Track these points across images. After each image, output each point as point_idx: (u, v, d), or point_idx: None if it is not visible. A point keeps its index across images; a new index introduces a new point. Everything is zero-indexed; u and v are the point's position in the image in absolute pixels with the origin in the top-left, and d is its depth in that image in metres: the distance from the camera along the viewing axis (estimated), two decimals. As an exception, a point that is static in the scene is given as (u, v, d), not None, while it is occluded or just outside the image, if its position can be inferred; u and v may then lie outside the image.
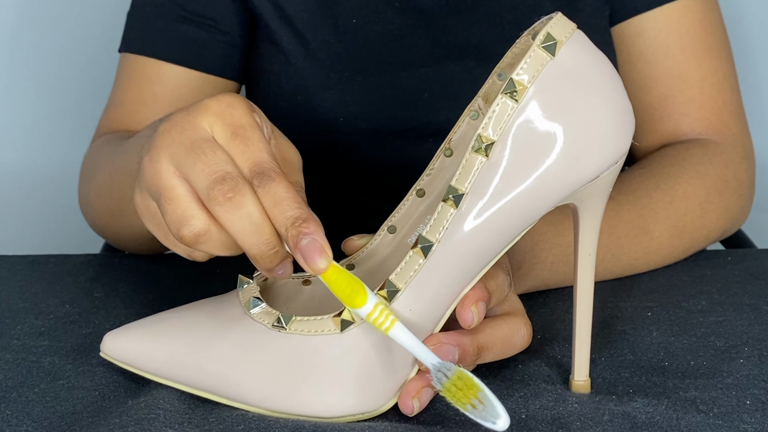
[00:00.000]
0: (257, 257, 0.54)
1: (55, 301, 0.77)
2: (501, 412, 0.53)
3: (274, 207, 0.53)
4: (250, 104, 0.57)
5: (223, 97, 0.56)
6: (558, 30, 0.56)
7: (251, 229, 0.53)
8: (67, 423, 0.59)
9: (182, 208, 0.54)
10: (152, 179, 0.55)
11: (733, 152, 0.89)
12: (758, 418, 0.59)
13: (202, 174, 0.53)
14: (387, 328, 0.54)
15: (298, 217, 0.53)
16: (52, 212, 1.50)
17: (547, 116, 0.56)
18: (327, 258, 0.53)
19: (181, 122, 0.55)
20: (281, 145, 0.60)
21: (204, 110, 0.55)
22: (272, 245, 0.54)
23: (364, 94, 0.89)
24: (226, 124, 0.55)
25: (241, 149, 0.54)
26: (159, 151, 0.55)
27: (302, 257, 0.52)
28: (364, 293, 0.54)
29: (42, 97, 1.49)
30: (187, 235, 0.54)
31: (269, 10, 0.90)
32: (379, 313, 0.54)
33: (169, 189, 0.54)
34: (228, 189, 0.53)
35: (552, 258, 0.74)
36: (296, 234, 0.52)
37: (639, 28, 0.92)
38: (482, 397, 0.53)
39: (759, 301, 0.75)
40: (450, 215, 0.56)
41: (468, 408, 0.53)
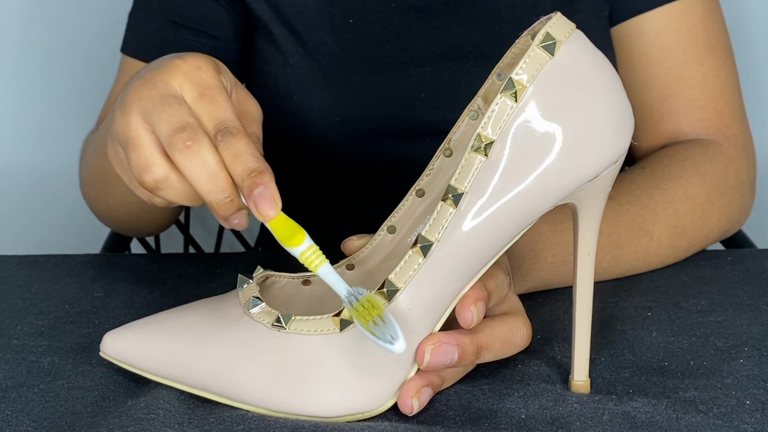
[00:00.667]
0: (213, 204, 0.57)
1: (55, 301, 0.77)
2: (399, 334, 0.54)
3: (233, 159, 0.56)
4: (217, 65, 0.61)
5: (192, 59, 0.60)
6: (557, 30, 0.56)
7: (207, 177, 0.56)
8: (67, 423, 0.59)
9: (145, 156, 0.58)
10: (122, 129, 0.59)
11: (734, 152, 0.89)
12: (758, 418, 0.59)
13: (165, 123, 0.57)
14: (316, 266, 0.55)
15: (254, 169, 0.56)
16: (52, 212, 1.50)
17: (547, 116, 0.56)
18: (276, 207, 0.55)
19: (153, 79, 0.59)
20: (242, 98, 0.63)
21: (174, 70, 0.59)
22: (227, 194, 0.57)
23: (362, 94, 0.89)
24: (195, 84, 0.59)
25: (207, 108, 0.58)
26: (130, 104, 0.59)
27: (254, 204, 0.55)
28: (303, 236, 0.56)
29: (43, 97, 1.49)
30: (148, 181, 0.58)
31: (267, 11, 0.90)
32: (311, 253, 0.56)
33: (136, 138, 0.58)
34: (187, 137, 0.56)
35: (551, 258, 0.74)
36: (251, 184, 0.55)
37: (639, 28, 0.92)
38: (384, 316, 0.54)
39: (759, 301, 0.75)
40: (449, 215, 0.56)
41: (369, 325, 0.54)
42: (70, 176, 1.49)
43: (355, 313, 0.55)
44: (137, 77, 0.61)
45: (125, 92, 0.60)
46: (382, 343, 0.54)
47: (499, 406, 0.60)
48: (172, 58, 0.60)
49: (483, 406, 0.60)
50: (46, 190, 1.50)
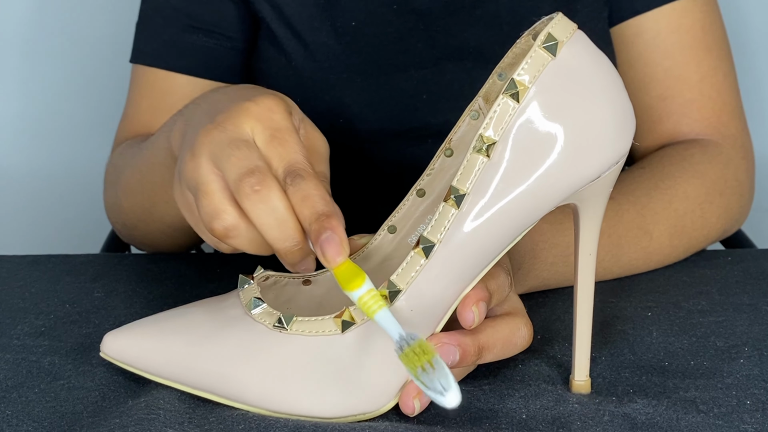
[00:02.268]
0: (281, 252, 0.57)
1: (55, 301, 0.77)
2: (452, 384, 0.52)
3: (301, 202, 0.56)
4: (287, 103, 0.60)
5: (263, 101, 0.59)
6: (559, 30, 0.56)
7: (276, 224, 0.56)
8: (67, 423, 0.59)
9: (216, 203, 0.57)
10: (191, 173, 0.58)
11: (733, 152, 0.89)
12: (758, 418, 0.59)
13: (234, 168, 0.56)
14: (374, 312, 0.54)
15: (322, 213, 0.55)
16: (52, 212, 1.50)
17: (548, 116, 0.56)
18: (344, 253, 0.55)
19: (224, 123, 0.58)
20: (309, 134, 0.62)
21: (246, 114, 0.58)
22: (296, 241, 0.56)
23: (363, 96, 0.89)
24: (266, 127, 0.58)
25: (278, 151, 0.57)
26: (200, 148, 0.58)
27: (321, 251, 0.55)
28: (362, 280, 0.55)
29: (43, 97, 1.48)
30: (218, 228, 0.57)
31: (270, 12, 0.90)
32: (369, 298, 0.55)
33: (206, 183, 0.57)
34: (255, 182, 0.55)
35: (552, 258, 0.74)
36: (318, 228, 0.55)
37: (638, 29, 0.92)
38: (435, 362, 0.53)
39: (759, 301, 0.75)
40: (451, 215, 0.56)
41: (418, 371, 0.52)
42: (69, 176, 1.49)
43: (405, 359, 0.53)
44: (206, 119, 0.60)
45: (195, 135, 0.59)
46: (432, 393, 0.52)
47: (500, 406, 0.60)
48: (243, 100, 0.59)
49: (484, 406, 0.60)
50: (46, 190, 1.50)
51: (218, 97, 0.64)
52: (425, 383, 0.52)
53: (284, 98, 0.61)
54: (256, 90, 0.63)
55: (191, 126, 0.63)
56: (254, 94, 0.60)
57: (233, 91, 0.64)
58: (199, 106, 0.65)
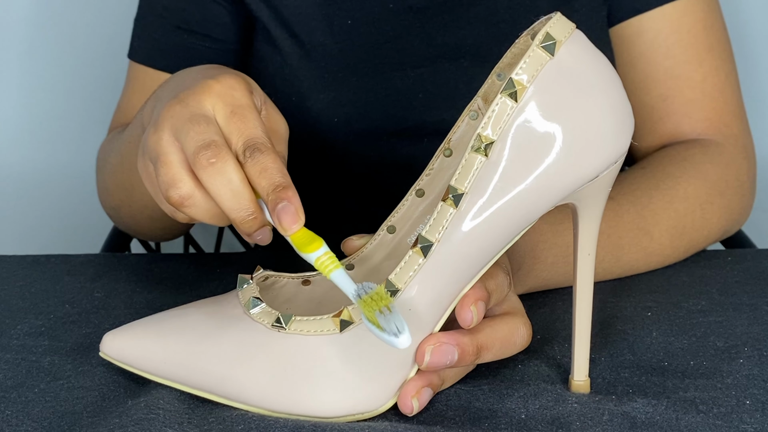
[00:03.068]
0: (237, 221, 0.58)
1: (55, 301, 0.77)
2: (406, 328, 0.53)
3: (258, 174, 0.57)
4: (249, 83, 0.62)
5: (225, 79, 0.61)
6: (557, 30, 0.56)
7: (231, 194, 0.57)
8: (67, 423, 0.59)
9: (173, 172, 0.59)
10: (153, 144, 0.60)
11: (734, 152, 0.89)
12: (758, 418, 0.59)
13: (192, 141, 0.58)
14: (330, 270, 0.56)
15: (279, 184, 0.57)
16: (52, 212, 1.50)
17: (547, 116, 0.56)
18: (299, 221, 0.56)
19: (186, 98, 0.60)
20: (271, 116, 0.64)
21: (208, 90, 0.60)
22: (250, 211, 0.58)
23: (359, 95, 0.89)
24: (227, 103, 0.60)
25: (237, 126, 0.59)
26: (162, 121, 0.60)
27: (278, 219, 0.56)
28: (320, 243, 0.56)
29: (43, 97, 1.49)
30: (174, 197, 0.59)
31: (266, 13, 0.90)
32: (327, 258, 0.56)
33: (165, 154, 0.59)
34: (211, 155, 0.57)
35: (552, 258, 0.74)
36: (275, 198, 0.56)
37: (639, 29, 0.92)
38: (392, 307, 0.54)
39: (759, 301, 0.75)
40: (449, 215, 0.56)
41: (376, 315, 0.54)
42: (70, 176, 1.49)
43: (363, 305, 0.54)
44: (171, 96, 0.62)
45: (158, 110, 0.61)
46: (387, 336, 0.53)
47: (499, 406, 0.60)
48: (206, 78, 0.61)
49: (483, 406, 0.60)
50: (46, 190, 1.50)
51: (184, 75, 0.66)
52: (382, 327, 0.53)
53: (246, 78, 0.63)
54: (219, 69, 0.65)
55: (159, 102, 0.65)
56: (217, 73, 0.62)
57: (198, 70, 0.66)
58: (167, 84, 0.67)
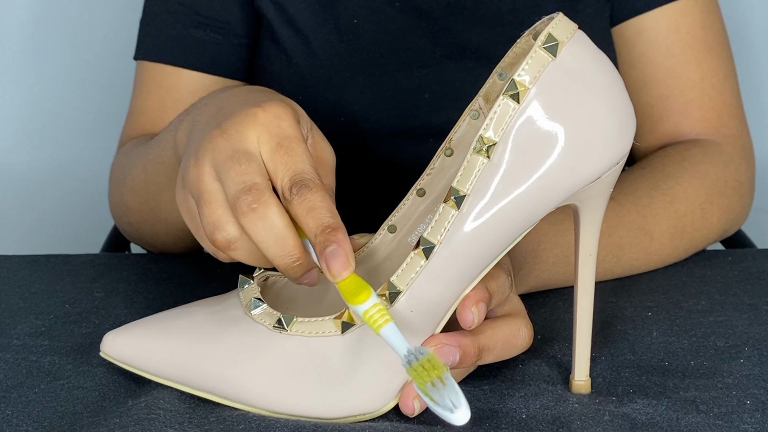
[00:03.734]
0: (281, 268, 0.56)
1: (55, 301, 0.77)
2: (462, 402, 0.51)
3: (306, 214, 0.55)
4: (295, 111, 0.59)
5: (271, 107, 0.58)
6: (559, 31, 0.56)
7: (274, 241, 0.55)
8: (67, 423, 0.59)
9: (218, 214, 0.56)
10: (194, 181, 0.57)
11: (733, 152, 0.89)
12: (758, 418, 0.59)
13: (232, 183, 0.55)
14: (380, 326, 0.53)
15: (328, 226, 0.54)
16: (52, 212, 1.50)
17: (549, 117, 0.56)
18: (349, 267, 0.54)
19: (230, 130, 0.57)
20: (317, 143, 0.62)
21: (252, 120, 0.57)
22: (295, 257, 0.56)
23: (365, 94, 0.89)
24: (273, 135, 0.57)
25: (284, 160, 0.56)
26: (204, 155, 0.57)
27: (326, 264, 0.54)
28: (368, 294, 0.54)
29: (44, 97, 1.49)
30: (219, 240, 0.56)
31: (272, 10, 0.90)
32: (376, 312, 0.54)
33: (209, 193, 0.56)
34: (252, 200, 0.55)
35: (553, 258, 0.74)
36: (323, 241, 0.54)
37: (639, 29, 0.92)
38: (445, 378, 0.52)
39: (759, 301, 0.75)
40: (451, 216, 0.56)
41: (428, 387, 0.51)
42: (69, 176, 1.49)
43: (413, 374, 0.52)
44: (212, 122, 0.59)
45: (201, 140, 0.58)
46: (441, 410, 0.51)
47: (500, 406, 0.60)
48: (251, 106, 0.58)
49: (484, 406, 0.60)
50: (46, 190, 1.50)
51: (226, 98, 0.63)
52: (434, 399, 0.51)
53: (293, 105, 0.60)
54: (264, 94, 0.62)
55: (197, 127, 0.62)
56: (262, 99, 0.59)
57: (242, 93, 0.63)
58: (207, 107, 0.64)
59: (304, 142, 0.58)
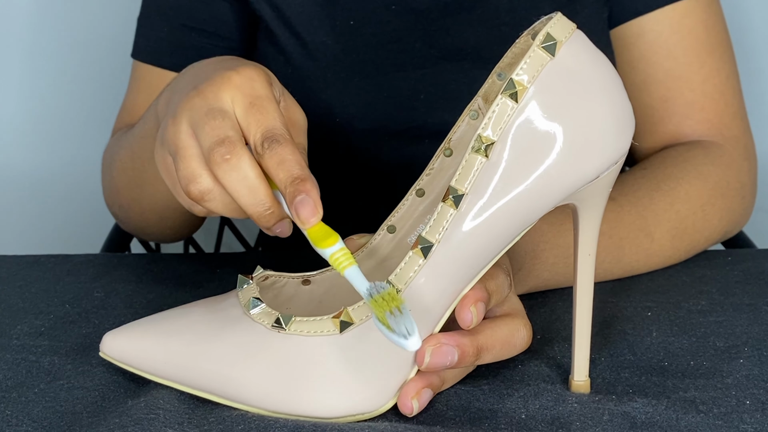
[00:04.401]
0: (254, 216, 0.58)
1: (55, 301, 0.77)
2: (416, 330, 0.53)
3: (277, 166, 0.57)
4: (268, 75, 0.62)
5: (245, 70, 0.61)
6: (558, 30, 0.56)
7: (247, 190, 0.57)
8: (67, 423, 0.59)
9: (192, 167, 0.59)
10: (172, 137, 0.60)
11: (735, 154, 0.89)
12: (758, 418, 0.59)
13: (207, 136, 0.58)
14: (344, 267, 0.55)
15: (297, 177, 0.57)
16: (52, 212, 1.50)
17: (547, 116, 0.56)
18: (318, 214, 0.56)
19: (205, 91, 0.60)
20: (289, 107, 0.64)
21: (227, 82, 0.60)
22: (267, 206, 0.58)
23: (361, 95, 0.89)
24: (246, 95, 0.60)
25: (256, 117, 0.59)
26: (181, 113, 0.60)
27: (295, 212, 0.56)
28: (336, 238, 0.56)
29: (43, 97, 1.49)
30: (194, 191, 0.59)
31: (269, 12, 0.90)
32: (341, 255, 0.56)
33: (184, 148, 0.59)
34: (225, 151, 0.57)
35: (552, 259, 0.74)
36: (293, 191, 0.56)
37: (640, 30, 0.92)
38: (402, 308, 0.54)
39: (759, 301, 0.75)
40: (450, 216, 0.56)
41: (386, 314, 0.53)
42: (69, 176, 1.49)
43: (374, 304, 0.54)
44: (189, 87, 0.61)
45: (179, 101, 0.61)
46: (396, 337, 0.53)
47: (499, 406, 0.60)
48: (225, 69, 0.61)
49: (483, 406, 0.60)
50: (46, 190, 1.50)
51: (201, 66, 0.66)
52: (392, 327, 0.53)
53: (265, 69, 0.62)
54: (238, 60, 0.64)
55: (175, 93, 0.65)
56: (236, 64, 0.62)
57: (217, 61, 0.66)
58: (183, 76, 0.67)
59: (275, 101, 0.60)
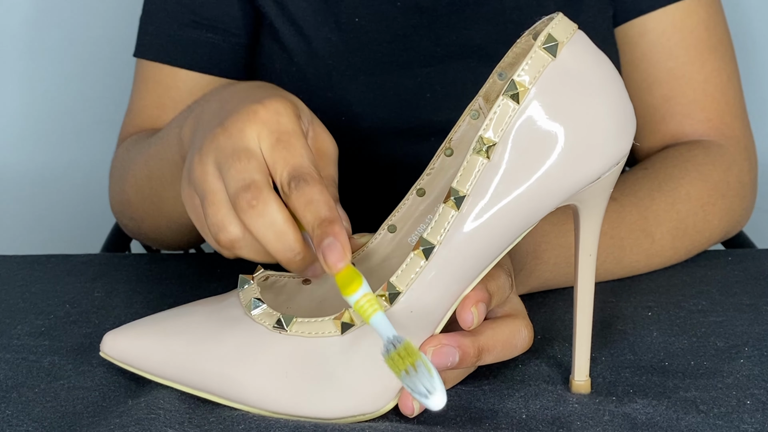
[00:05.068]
0: (283, 262, 0.57)
1: (55, 301, 0.77)
2: (437, 386, 0.52)
3: (304, 207, 0.56)
4: (297, 106, 0.60)
5: (271, 104, 0.58)
6: (559, 31, 0.56)
7: (275, 237, 0.56)
8: (67, 423, 0.59)
9: (221, 215, 0.57)
10: (199, 180, 0.58)
11: (736, 154, 0.89)
12: (758, 418, 0.59)
13: (232, 180, 0.56)
14: (369, 315, 0.54)
15: (325, 219, 0.55)
16: (52, 212, 1.50)
17: (549, 117, 0.56)
18: (345, 259, 0.55)
19: (231, 128, 0.58)
20: (318, 135, 0.62)
21: (253, 118, 0.58)
22: (296, 251, 0.56)
23: (367, 93, 0.89)
24: (272, 131, 0.58)
25: (283, 155, 0.57)
26: (207, 153, 0.58)
27: (322, 256, 0.55)
28: (359, 283, 0.55)
29: (43, 97, 1.48)
30: (223, 240, 0.57)
31: (273, 9, 0.90)
32: (365, 302, 0.54)
33: (212, 193, 0.57)
34: (251, 197, 0.55)
35: (554, 259, 0.74)
36: (321, 234, 0.55)
37: (642, 29, 0.92)
38: (417, 365, 0.52)
39: (759, 301, 0.75)
40: (451, 217, 0.56)
41: (402, 374, 0.52)
42: (69, 176, 1.49)
43: (390, 363, 0.53)
44: (214, 120, 0.59)
45: (204, 138, 0.59)
46: (417, 396, 0.52)
47: (500, 406, 0.60)
48: (251, 102, 0.59)
49: (484, 406, 0.60)
50: (46, 190, 1.50)
51: (228, 95, 0.64)
52: (410, 386, 0.52)
53: (294, 99, 0.61)
54: (265, 90, 0.62)
55: (201, 124, 0.63)
56: (263, 95, 0.60)
57: (244, 90, 0.64)
58: (209, 103, 0.65)
59: (303, 137, 0.58)
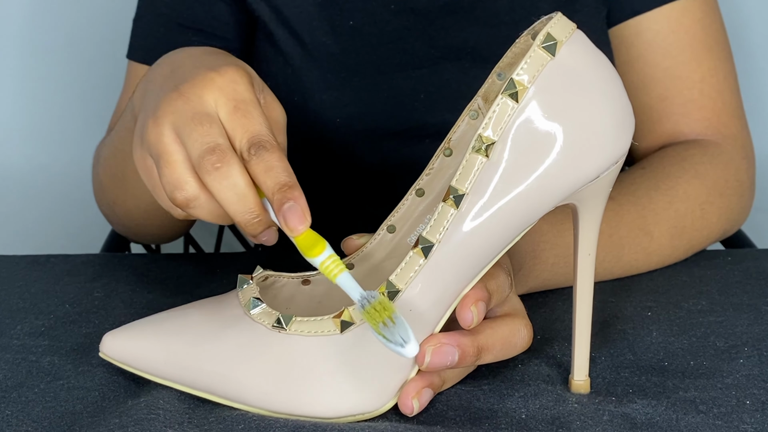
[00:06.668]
0: (242, 224, 0.57)
1: (55, 301, 0.77)
2: (411, 337, 0.53)
3: (264, 173, 0.56)
4: (249, 74, 0.61)
5: (227, 71, 0.59)
6: (558, 30, 0.56)
7: (236, 198, 0.57)
8: (67, 423, 0.59)
9: (177, 173, 0.58)
10: (154, 141, 0.58)
11: (733, 152, 0.89)
12: (758, 418, 0.59)
13: (196, 143, 0.57)
14: (335, 275, 0.55)
15: (285, 184, 0.56)
16: (52, 212, 1.50)
17: (548, 116, 0.56)
18: (305, 222, 0.56)
19: (188, 93, 0.59)
20: (269, 104, 0.63)
21: (210, 84, 0.59)
22: (255, 214, 0.57)
23: (361, 95, 0.89)
24: (229, 98, 0.59)
25: (241, 122, 0.58)
26: (163, 116, 0.58)
27: (284, 219, 0.56)
28: (323, 246, 0.56)
29: (43, 97, 1.49)
30: (179, 198, 0.58)
31: (267, 12, 0.90)
32: (331, 262, 0.56)
33: (169, 153, 0.58)
34: (216, 159, 0.56)
35: (553, 259, 0.74)
36: (281, 198, 0.56)
37: (638, 29, 0.92)
38: (395, 317, 0.54)
39: (759, 301, 0.75)
40: (450, 215, 0.56)
41: (380, 326, 0.54)
42: (69, 176, 1.49)
43: (367, 316, 0.55)
44: (169, 85, 0.60)
45: (159, 102, 0.60)
46: (393, 345, 0.53)
47: (500, 406, 0.60)
48: (207, 70, 0.60)
49: (483, 405, 0.60)
50: (46, 190, 1.50)
51: (180, 60, 0.64)
52: (386, 336, 0.54)
53: (246, 68, 0.62)
54: (217, 57, 0.63)
55: (152, 88, 0.63)
56: (217, 62, 0.61)
57: (196, 56, 0.64)
58: (160, 67, 0.65)
59: (259, 105, 0.59)
